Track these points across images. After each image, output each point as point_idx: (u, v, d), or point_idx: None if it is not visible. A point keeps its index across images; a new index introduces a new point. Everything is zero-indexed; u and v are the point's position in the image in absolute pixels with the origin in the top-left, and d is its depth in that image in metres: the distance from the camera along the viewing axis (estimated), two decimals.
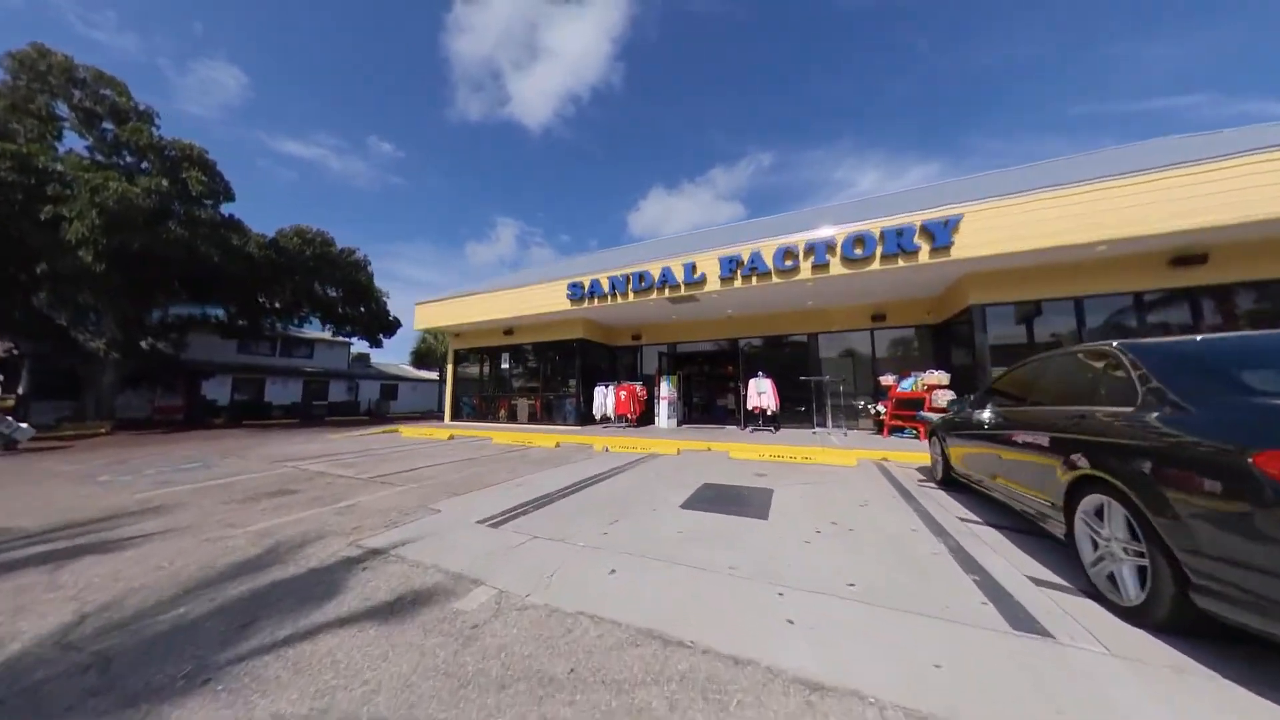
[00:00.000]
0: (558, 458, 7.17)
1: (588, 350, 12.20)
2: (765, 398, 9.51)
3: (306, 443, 9.92)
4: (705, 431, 10.31)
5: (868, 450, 6.74)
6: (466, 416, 14.06)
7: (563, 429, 11.34)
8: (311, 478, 5.64)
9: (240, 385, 19.04)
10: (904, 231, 6.86)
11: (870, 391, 10.01)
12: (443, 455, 7.53)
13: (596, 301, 9.97)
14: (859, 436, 8.86)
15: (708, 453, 7.58)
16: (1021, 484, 2.88)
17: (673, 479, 5.23)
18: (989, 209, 6.43)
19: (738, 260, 8.21)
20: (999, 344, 7.38)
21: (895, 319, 9.80)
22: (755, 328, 11.34)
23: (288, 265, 15.81)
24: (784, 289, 8.53)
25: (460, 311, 12.52)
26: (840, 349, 10.54)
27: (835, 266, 7.47)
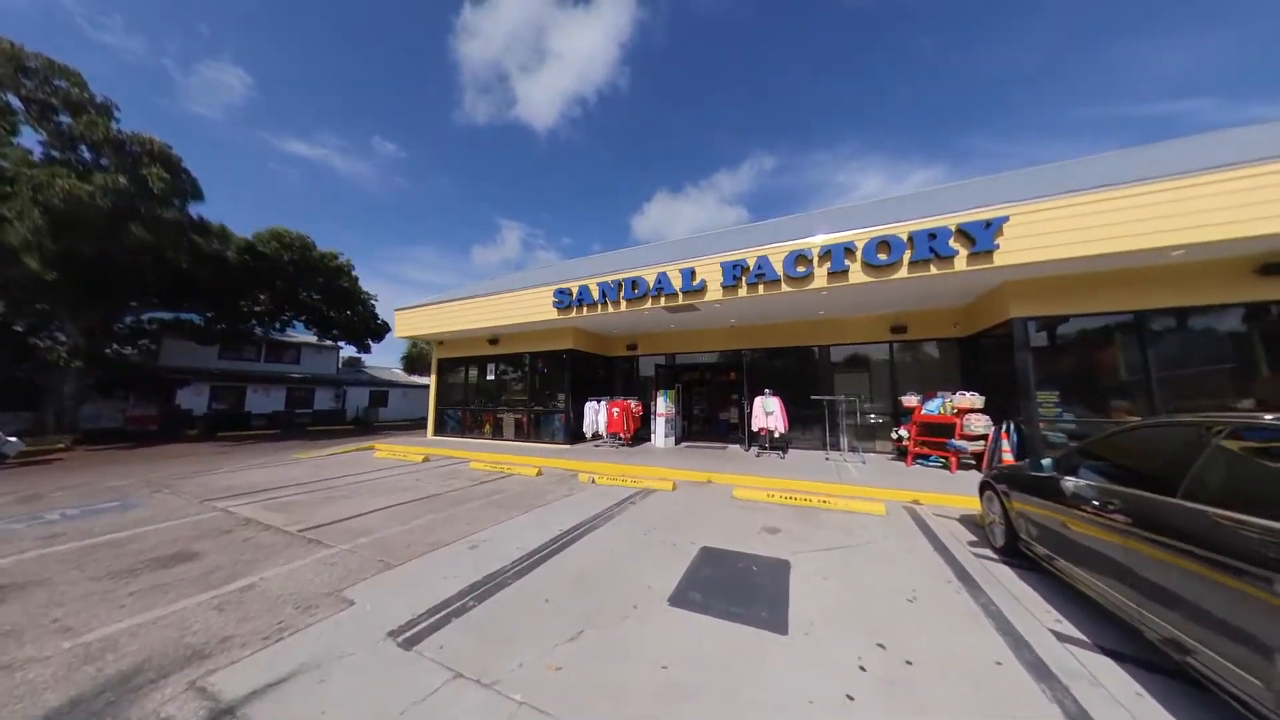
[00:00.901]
0: (535, 493, 6.22)
1: (579, 361, 11.25)
2: (773, 418, 8.53)
3: (265, 466, 8.99)
4: (705, 454, 9.34)
5: (894, 490, 5.76)
6: (451, 430, 13.13)
7: (550, 448, 10.40)
8: (232, 529, 4.70)
9: (219, 394, 18.17)
10: (937, 235, 5.88)
11: (889, 410, 9.04)
12: (405, 489, 6.58)
13: (586, 310, 9.02)
14: (878, 464, 7.88)
15: (708, 486, 6.61)
16: (1182, 622, 1.89)
17: (664, 539, 4.26)
18: (1041, 209, 5.45)
19: (742, 266, 7.25)
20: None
21: (917, 331, 8.81)
22: (761, 339, 10.37)
23: (265, 270, 14.92)
24: (794, 298, 7.56)
25: (441, 319, 11.60)
26: (855, 363, 9.56)
27: (856, 274, 6.49)
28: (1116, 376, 6.29)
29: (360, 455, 10.30)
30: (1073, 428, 6.28)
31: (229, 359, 20.33)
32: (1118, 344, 6.25)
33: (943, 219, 5.92)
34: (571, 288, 9.11)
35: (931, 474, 6.89)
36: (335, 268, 17.00)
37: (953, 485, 6.02)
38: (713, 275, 7.59)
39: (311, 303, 18.34)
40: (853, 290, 6.96)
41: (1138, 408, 6.02)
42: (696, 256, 7.87)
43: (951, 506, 5.32)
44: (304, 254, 15.56)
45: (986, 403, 7.16)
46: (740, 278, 7.28)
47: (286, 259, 14.99)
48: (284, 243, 15.08)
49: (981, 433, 6.98)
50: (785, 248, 6.96)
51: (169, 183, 11.82)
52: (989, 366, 7.63)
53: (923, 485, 6.02)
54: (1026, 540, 3.33)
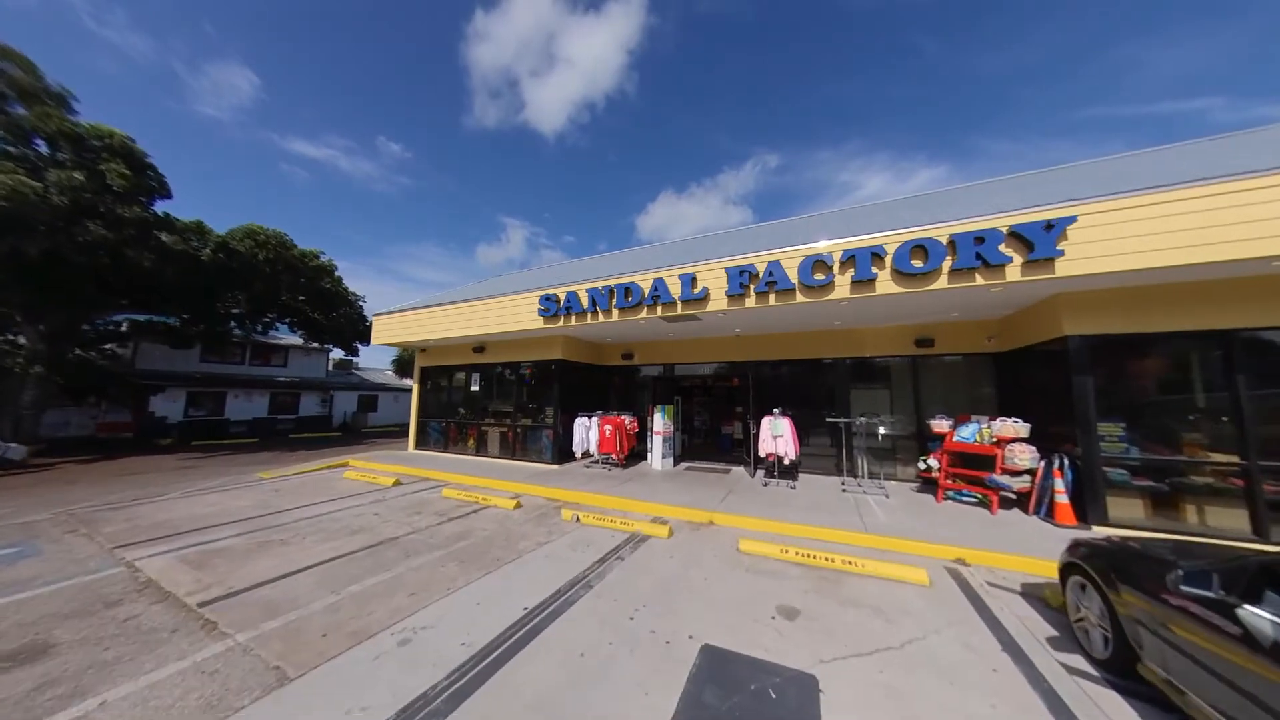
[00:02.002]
0: (507, 538, 5.29)
1: (569, 372, 10.34)
2: (782, 442, 7.59)
3: (218, 491, 8.11)
4: (706, 481, 8.42)
5: (932, 544, 4.81)
6: (433, 443, 12.23)
7: (536, 468, 9.49)
8: (121, 600, 3.80)
9: (196, 400, 17.33)
10: (986, 238, 4.93)
11: (912, 433, 8.08)
12: (359, 529, 5.67)
13: (575, 319, 8.10)
14: (903, 497, 6.93)
15: (709, 530, 5.68)
16: None
17: (655, 628, 3.33)
18: (1119, 208, 4.49)
19: (751, 273, 6.31)
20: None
21: (946, 345, 7.85)
22: (768, 350, 9.43)
23: (241, 270, 14.05)
24: (809, 309, 6.62)
25: (420, 326, 10.70)
26: (874, 378, 8.60)
27: (884, 283, 5.55)
28: (1192, 405, 5.32)
29: (327, 476, 9.41)
30: (1136, 464, 5.34)
31: (212, 363, 19.52)
32: (1195, 367, 5.29)
33: (992, 219, 4.97)
34: (559, 294, 8.18)
35: (968, 515, 5.94)
36: (316, 267, 16.10)
37: (1000, 535, 5.07)
38: (716, 283, 6.65)
39: (295, 304, 17.47)
40: (878, 301, 6.01)
41: (1217, 441, 5.06)
42: (698, 261, 6.93)
43: (1007, 570, 4.37)
44: (281, 253, 14.66)
45: (1032, 431, 6.20)
46: (748, 286, 6.34)
47: (262, 258, 14.11)
48: (259, 240, 14.19)
49: (1027, 467, 6.03)
50: (801, 252, 6.02)
51: (130, 179, 10.94)
52: (1032, 388, 6.67)
53: (964, 535, 5.07)
54: (1157, 669, 2.39)
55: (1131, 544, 3.03)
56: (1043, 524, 5.53)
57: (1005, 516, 5.87)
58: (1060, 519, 5.49)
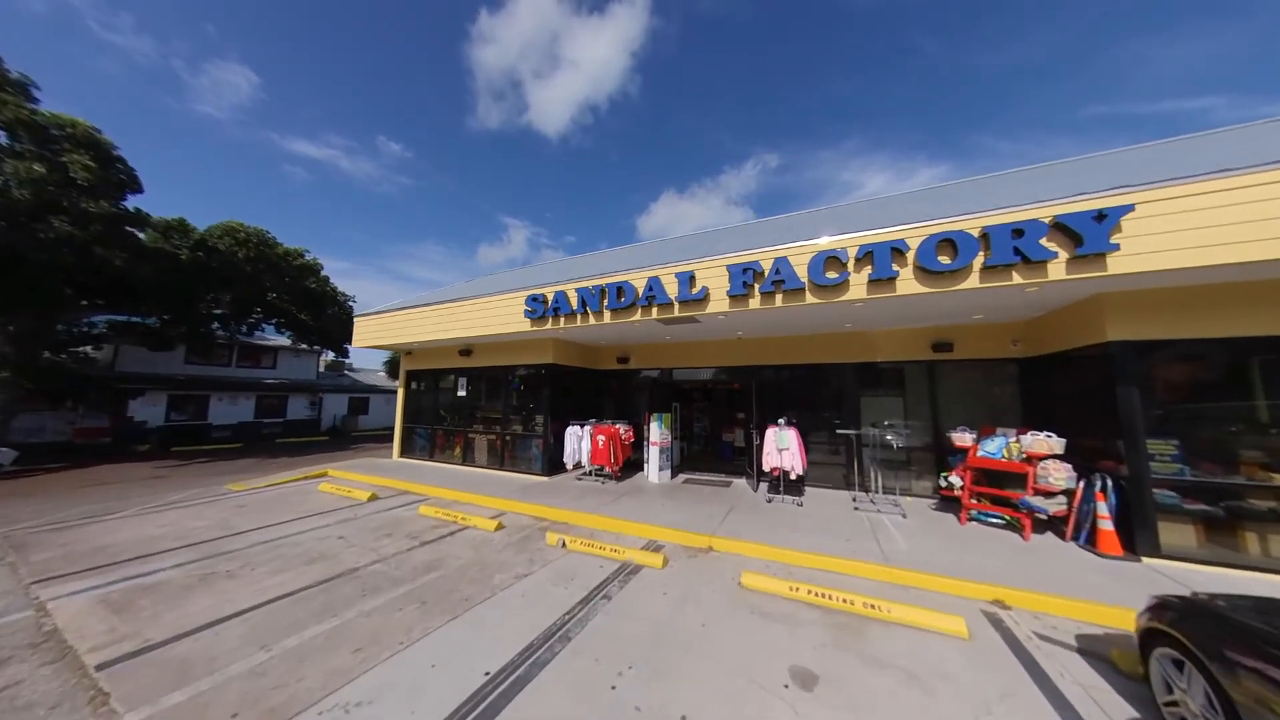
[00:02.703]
0: (482, 569, 4.68)
1: (560, 377, 9.73)
2: (789, 456, 6.98)
3: (179, 506, 7.51)
4: (706, 496, 7.82)
5: (965, 581, 4.20)
6: (419, 450, 11.64)
7: (524, 480, 8.89)
8: (7, 660, 3.20)
9: (178, 403, 16.74)
10: (1026, 230, 4.32)
11: (928, 444, 7.47)
12: (318, 557, 5.06)
13: (564, 320, 7.49)
14: (921, 516, 6.33)
15: (708, 558, 5.07)
16: None
17: (640, 701, 2.72)
18: (1185, 194, 3.87)
19: (755, 271, 5.70)
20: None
21: (966, 349, 7.24)
22: (773, 353, 8.82)
23: (221, 268, 13.45)
24: (820, 310, 6.02)
25: (403, 328, 10.10)
26: (887, 385, 7.99)
27: (906, 282, 4.93)
28: (1252, 420, 4.71)
29: (302, 489, 8.80)
30: (1187, 485, 4.73)
31: (197, 365, 18.91)
32: (1256, 377, 4.68)
33: (1033, 209, 4.35)
34: (546, 294, 7.58)
35: (997, 541, 5.34)
36: (300, 266, 15.49)
37: (1039, 568, 4.47)
38: (717, 281, 6.04)
39: (281, 305, 16.88)
40: (897, 302, 5.40)
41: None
42: (696, 258, 6.32)
43: (1056, 616, 3.76)
44: (263, 251, 14.05)
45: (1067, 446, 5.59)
46: (752, 285, 5.73)
47: (241, 256, 13.50)
48: (238, 238, 13.59)
49: (1064, 487, 5.42)
50: (811, 248, 5.41)
51: (95, 171, 10.34)
52: (1064, 399, 6.07)
53: (998, 567, 4.47)
54: None
55: (1234, 603, 2.42)
56: (1083, 553, 4.93)
57: (1039, 543, 5.26)
58: (1103, 548, 4.88)
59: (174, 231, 14.04)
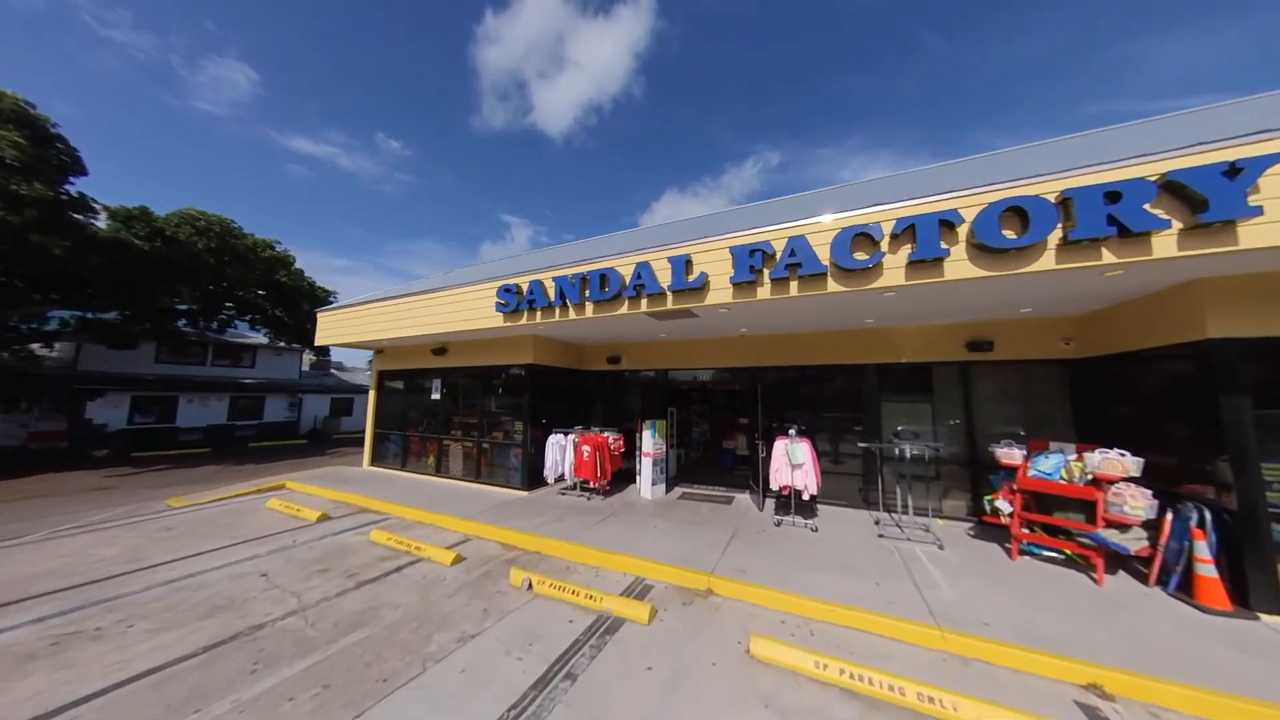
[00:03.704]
0: (424, 624, 3.67)
1: (542, 380, 8.73)
2: (801, 474, 5.98)
3: (101, 528, 6.50)
4: (705, 519, 6.82)
5: (1042, 654, 3.19)
6: (391, 459, 10.63)
7: (503, 494, 7.89)
8: None
9: (142, 405, 15.71)
10: (1124, 193, 3.30)
11: (961, 457, 6.47)
12: (228, 605, 4.04)
13: (540, 314, 6.48)
14: (963, 550, 5.33)
15: (705, 606, 4.07)
16: None
17: None
18: None
19: (765, 253, 4.68)
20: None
21: (1008, 348, 6.23)
22: (781, 353, 7.81)
23: (182, 259, 12.41)
24: (841, 301, 5.01)
25: (367, 324, 9.08)
26: (912, 389, 6.98)
27: (958, 264, 3.92)
28: None
29: (249, 505, 7.78)
30: None
31: (168, 364, 17.85)
32: None
33: (1135, 165, 3.33)
34: (520, 284, 6.56)
35: (1065, 585, 4.33)
36: (269, 259, 14.44)
37: (1133, 628, 3.46)
38: (718, 267, 5.02)
39: (253, 300, 15.86)
40: (938, 291, 4.39)
41: None
42: (694, 239, 5.30)
43: (1179, 713, 2.76)
44: (227, 241, 13.01)
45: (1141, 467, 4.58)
46: (761, 270, 4.71)
47: (202, 245, 12.47)
48: (198, 227, 12.54)
49: (1143, 518, 4.41)
50: (836, 223, 4.39)
51: (26, 150, 9.30)
52: (1130, 408, 5.07)
53: (1082, 631, 3.46)
54: None
55: None
56: (1180, 606, 3.92)
57: (1117, 589, 4.26)
58: (1205, 599, 3.88)
59: (136, 221, 13.00)
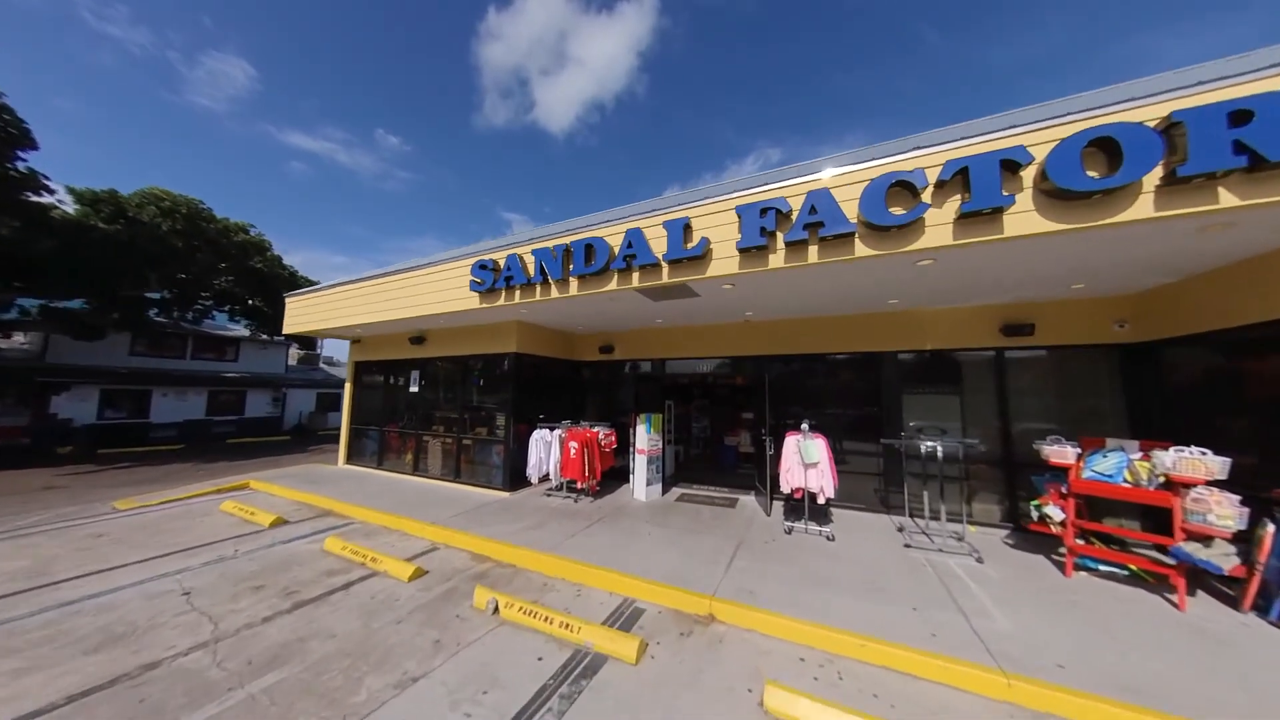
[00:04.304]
0: (348, 670, 2.92)
1: (527, 370, 7.98)
2: (816, 475, 5.24)
3: (18, 536, 5.75)
4: (705, 522, 6.10)
5: (1136, 712, 2.46)
6: (368, 457, 9.89)
7: (482, 495, 7.15)
8: None
9: (113, 399, 14.94)
10: (1261, 111, 2.54)
11: (995, 457, 5.73)
12: (104, 642, 3.29)
13: (520, 294, 5.72)
14: (1005, 563, 4.61)
15: (707, 638, 3.33)
16: None
17: None
18: None
19: (779, 211, 3.92)
20: None
21: (1051, 332, 5.48)
22: (789, 340, 7.06)
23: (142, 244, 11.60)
24: (865, 273, 4.26)
25: (337, 309, 8.31)
26: (938, 379, 6.24)
27: (1024, 216, 3.16)
28: None
29: (195, 509, 7.03)
30: None
31: (144, 356, 17.05)
32: None
33: (1271, 77, 2.56)
34: (497, 259, 5.80)
35: (1141, 610, 3.60)
36: (242, 244, 13.62)
37: (1245, 673, 2.73)
38: (722, 231, 4.26)
39: (229, 289, 15.08)
40: (992, 255, 3.63)
41: None
42: (693, 202, 4.53)
43: None
44: (194, 224, 12.20)
45: None
46: (774, 233, 3.95)
47: (167, 228, 11.66)
48: (162, 207, 11.73)
49: (1232, 529, 3.67)
50: (869, 171, 3.62)
51: None
52: (1201, 400, 4.32)
53: (1180, 676, 2.73)
54: None
55: None
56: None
57: (1203, 615, 3.53)
58: None
59: (103, 204, 12.20)
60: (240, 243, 13.52)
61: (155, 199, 11.68)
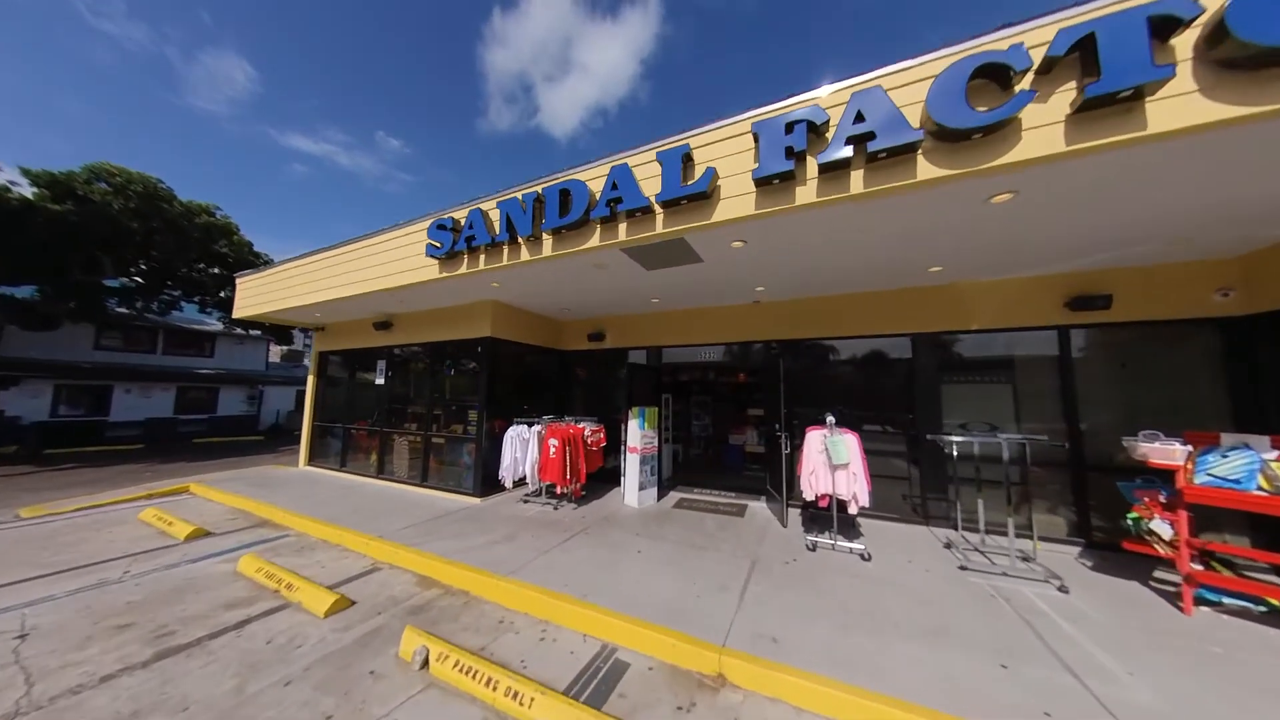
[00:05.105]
0: None
1: (504, 358, 6.99)
2: (846, 478, 4.24)
3: None
4: (708, 535, 5.11)
5: None
6: (331, 457, 8.86)
7: (450, 502, 6.14)
8: None
9: (70, 395, 13.89)
10: None
11: (1062, 459, 4.72)
12: None
13: (485, 257, 4.72)
14: (1102, 596, 3.62)
15: (714, 715, 2.33)
16: None
17: None
18: None
19: (811, 125, 2.93)
20: None
21: (1132, 305, 4.49)
22: (807, 322, 6.08)
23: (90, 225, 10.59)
24: (925, 207, 3.27)
25: (289, 289, 7.31)
26: (985, 367, 5.25)
27: (1184, 102, 2.19)
28: None
29: (109, 518, 6.01)
30: None
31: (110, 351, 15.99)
32: None
33: None
34: (457, 217, 4.81)
35: None
36: (206, 226, 12.60)
37: None
38: (734, 162, 3.28)
39: (198, 278, 14.07)
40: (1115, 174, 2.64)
41: None
42: (696, 128, 3.54)
43: None
44: (151, 204, 11.18)
45: None
46: (805, 155, 2.96)
47: (119, 208, 10.66)
48: (114, 185, 10.73)
49: None
50: (940, 60, 2.64)
51: None
52: None
53: None
54: None
55: None
56: None
57: None
58: None
59: (59, 185, 11.19)
60: (204, 225, 12.51)
61: (104, 174, 10.66)
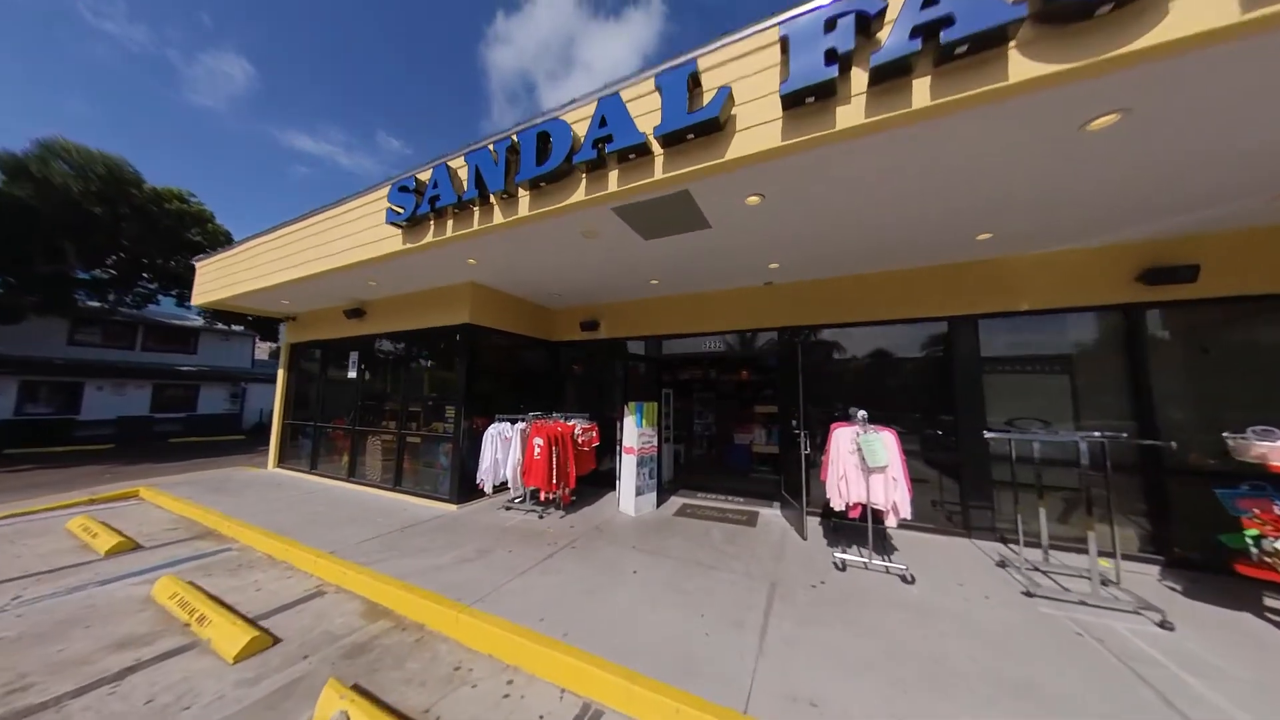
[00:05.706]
0: None
1: (488, 349, 6.30)
2: (885, 483, 3.53)
3: None
4: (715, 551, 4.41)
5: None
6: (303, 458, 8.15)
7: (420, 509, 5.43)
8: None
9: (36, 392, 13.17)
10: None
11: (1135, 462, 4.00)
12: None
13: (453, 223, 4.02)
14: (1208, 632, 2.91)
15: None
16: None
17: None
18: None
19: (862, 18, 2.21)
20: None
21: (1219, 279, 3.79)
22: (825, 306, 5.39)
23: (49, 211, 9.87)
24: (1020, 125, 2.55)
25: (249, 270, 6.60)
26: (1035, 356, 4.54)
27: None
28: None
29: (32, 528, 5.29)
30: None
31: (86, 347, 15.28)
32: None
33: None
34: (420, 177, 4.10)
35: None
36: (178, 213, 11.88)
37: None
38: (754, 82, 2.58)
39: (173, 269, 13.37)
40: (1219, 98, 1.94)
41: None
42: (706, 44, 2.83)
43: None
44: (117, 188, 10.46)
45: None
46: (850, 60, 2.26)
47: (80, 191, 9.94)
48: (74, 165, 9.99)
49: None
50: None
51: None
52: None
53: None
54: None
55: None
56: None
57: None
58: None
59: (10, 166, 10.49)
60: (175, 212, 11.78)
61: (60, 153, 9.93)
